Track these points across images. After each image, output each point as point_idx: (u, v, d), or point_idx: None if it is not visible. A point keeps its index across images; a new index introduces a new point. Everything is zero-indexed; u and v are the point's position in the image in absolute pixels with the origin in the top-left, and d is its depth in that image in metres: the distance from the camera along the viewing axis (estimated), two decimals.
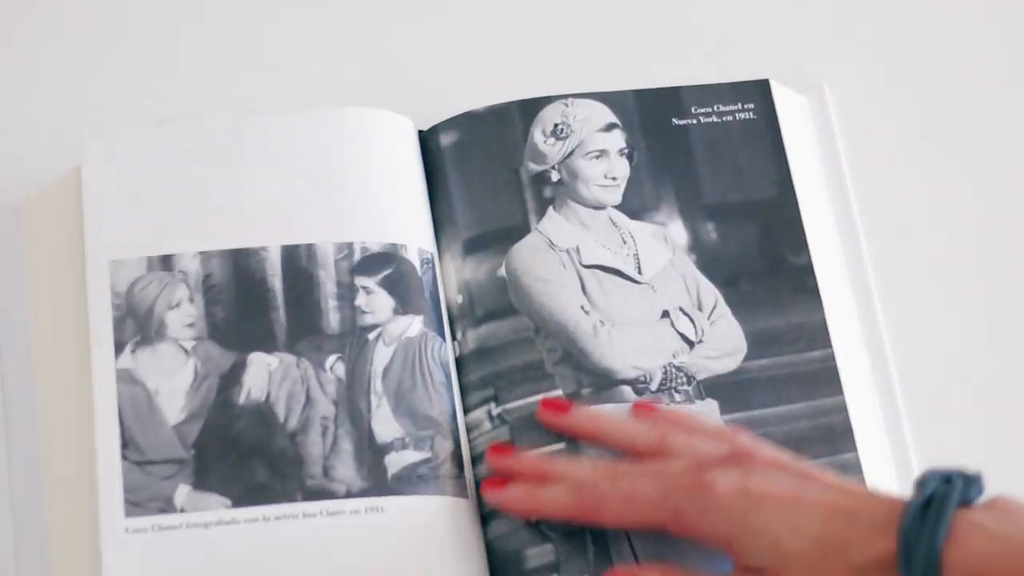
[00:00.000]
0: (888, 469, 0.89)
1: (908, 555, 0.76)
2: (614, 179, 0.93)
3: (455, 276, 0.92)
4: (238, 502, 0.85)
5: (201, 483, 0.85)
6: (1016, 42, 1.01)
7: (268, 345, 0.88)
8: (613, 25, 1.02)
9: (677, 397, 0.89)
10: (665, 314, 0.90)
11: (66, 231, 0.91)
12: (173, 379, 0.87)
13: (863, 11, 1.00)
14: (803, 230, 0.93)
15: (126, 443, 0.86)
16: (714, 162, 0.94)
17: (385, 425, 0.87)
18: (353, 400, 0.88)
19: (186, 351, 0.88)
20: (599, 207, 0.93)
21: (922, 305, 0.94)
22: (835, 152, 0.96)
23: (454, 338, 0.91)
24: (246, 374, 0.88)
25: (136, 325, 0.88)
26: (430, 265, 0.92)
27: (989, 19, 1.02)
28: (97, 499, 0.85)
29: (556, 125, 0.93)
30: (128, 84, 0.99)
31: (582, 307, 0.90)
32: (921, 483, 0.78)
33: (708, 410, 0.88)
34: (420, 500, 0.86)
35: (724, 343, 0.90)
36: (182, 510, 0.85)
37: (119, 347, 0.88)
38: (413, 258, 0.91)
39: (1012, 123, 0.87)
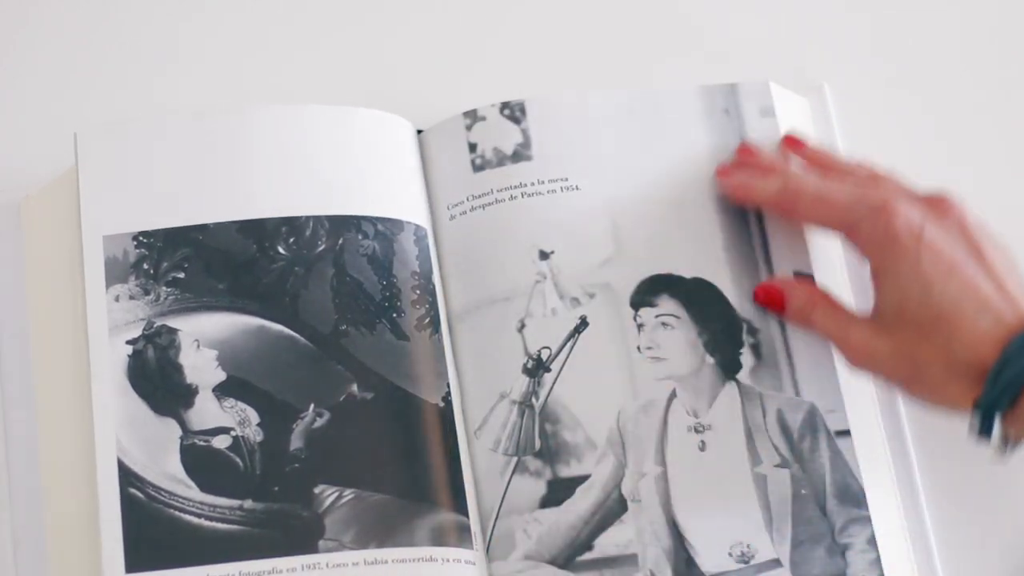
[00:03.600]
0: (886, 465, 0.89)
1: (1000, 371, 0.81)
2: None
3: None
4: None
5: None
6: (1017, 41, 1.01)
7: None
8: (612, 25, 1.02)
9: None
10: None
11: (66, 233, 0.91)
12: None
13: (863, 11, 1.00)
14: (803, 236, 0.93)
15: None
16: None
17: None
18: None
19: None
20: None
21: None
22: (835, 151, 0.95)
23: None
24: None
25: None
26: None
27: (989, 18, 1.02)
28: (96, 501, 0.85)
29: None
30: (126, 86, 0.99)
31: None
32: None
33: None
34: None
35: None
36: None
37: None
38: None
39: (1013, 122, 0.87)
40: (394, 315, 0.90)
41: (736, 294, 0.91)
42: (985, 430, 0.83)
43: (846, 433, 0.88)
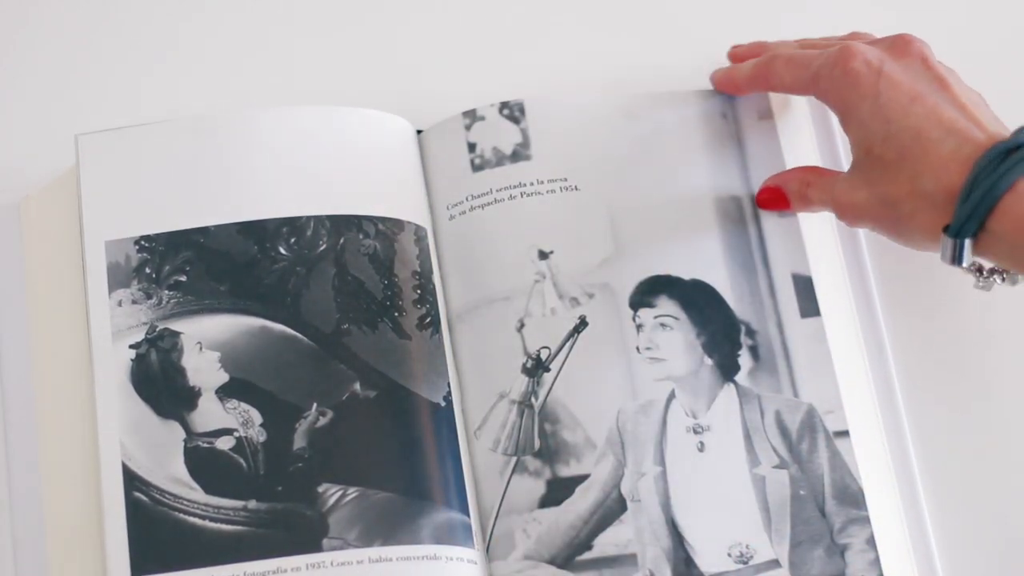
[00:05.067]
0: (885, 466, 0.89)
1: (968, 192, 0.79)
2: None
3: None
4: None
5: None
6: (1016, 40, 1.01)
7: None
8: (610, 26, 1.01)
9: None
10: None
11: (66, 235, 0.91)
12: None
13: (862, 10, 1.00)
14: (801, 237, 0.93)
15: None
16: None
17: None
18: None
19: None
20: None
21: (923, 305, 0.93)
22: (835, 153, 0.96)
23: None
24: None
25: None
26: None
27: (989, 17, 1.01)
28: (101, 505, 0.86)
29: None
30: (126, 86, 0.99)
31: None
32: (1019, 131, 0.80)
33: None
34: None
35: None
36: None
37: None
38: None
39: (1012, 122, 0.87)
40: (396, 314, 0.90)
41: (734, 296, 0.91)
42: (957, 259, 0.81)
43: (845, 434, 0.88)
